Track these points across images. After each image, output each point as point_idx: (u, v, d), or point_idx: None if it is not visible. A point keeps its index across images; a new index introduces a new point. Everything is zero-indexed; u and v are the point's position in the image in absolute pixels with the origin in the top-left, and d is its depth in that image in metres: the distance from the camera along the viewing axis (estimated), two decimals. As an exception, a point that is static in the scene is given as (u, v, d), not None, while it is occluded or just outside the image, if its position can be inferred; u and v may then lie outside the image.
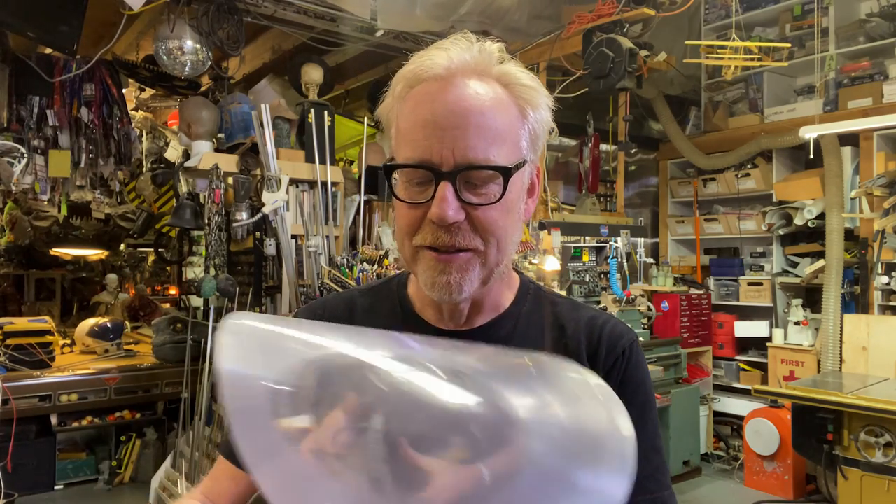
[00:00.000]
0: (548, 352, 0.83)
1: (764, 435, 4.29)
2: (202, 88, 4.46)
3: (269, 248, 3.53)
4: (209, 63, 3.52)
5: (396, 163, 0.77)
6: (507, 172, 0.76)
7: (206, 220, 3.51)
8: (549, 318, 0.90)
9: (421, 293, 0.87)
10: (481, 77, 0.78)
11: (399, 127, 0.79)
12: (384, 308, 0.92)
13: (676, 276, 5.23)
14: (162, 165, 5.14)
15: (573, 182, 5.05)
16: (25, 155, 3.38)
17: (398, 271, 1.02)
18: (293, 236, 3.55)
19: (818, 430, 3.51)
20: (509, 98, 0.79)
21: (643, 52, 3.72)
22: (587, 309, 0.93)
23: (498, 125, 0.76)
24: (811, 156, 4.03)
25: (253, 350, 0.61)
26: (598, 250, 5.08)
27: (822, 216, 4.49)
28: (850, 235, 4.42)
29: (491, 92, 0.77)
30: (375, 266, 3.12)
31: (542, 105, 0.81)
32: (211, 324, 3.69)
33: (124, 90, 4.11)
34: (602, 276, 4.86)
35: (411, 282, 0.92)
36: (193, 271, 6.68)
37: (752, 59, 4.05)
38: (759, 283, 4.99)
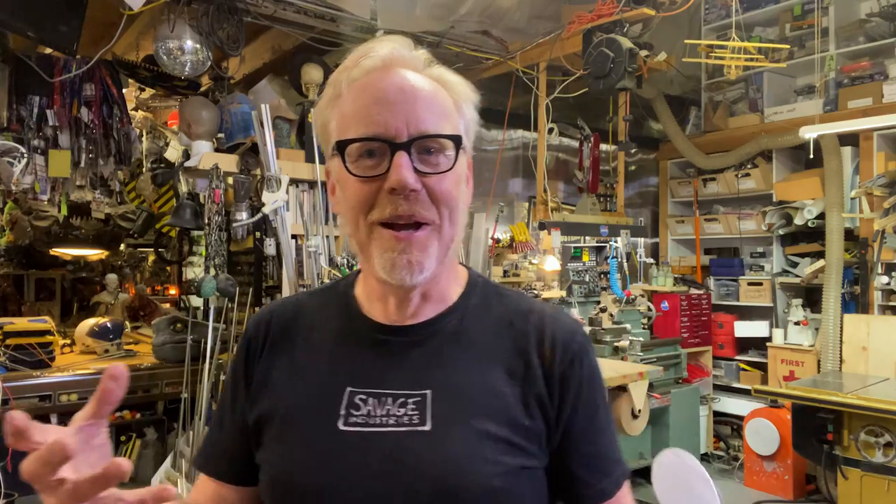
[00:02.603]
0: (496, 349, 0.85)
1: (764, 435, 4.29)
2: (202, 88, 4.46)
3: (269, 248, 3.52)
4: (209, 63, 3.52)
5: (352, 138, 0.78)
6: (458, 140, 0.79)
7: (206, 220, 3.51)
8: (497, 312, 0.89)
9: (369, 289, 0.88)
10: (418, 72, 0.82)
11: (343, 113, 0.81)
12: (331, 309, 0.92)
13: (676, 276, 5.23)
14: (162, 165, 5.13)
15: (573, 182, 5.05)
16: (25, 155, 3.38)
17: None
18: (293, 236, 3.55)
19: (818, 430, 3.51)
20: (445, 92, 0.83)
21: (643, 52, 3.72)
22: (535, 303, 0.93)
23: (442, 105, 0.81)
24: (811, 156, 4.03)
25: None
26: (598, 250, 5.08)
27: (822, 216, 4.49)
28: (850, 235, 4.42)
29: (429, 81, 0.81)
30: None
31: (471, 101, 0.86)
32: (211, 324, 3.69)
33: (124, 90, 4.11)
34: (602, 276, 4.86)
35: (359, 281, 0.92)
36: (193, 271, 6.68)
37: (753, 60, 4.05)
38: (759, 283, 4.99)
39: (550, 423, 0.83)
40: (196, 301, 4.81)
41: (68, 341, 4.93)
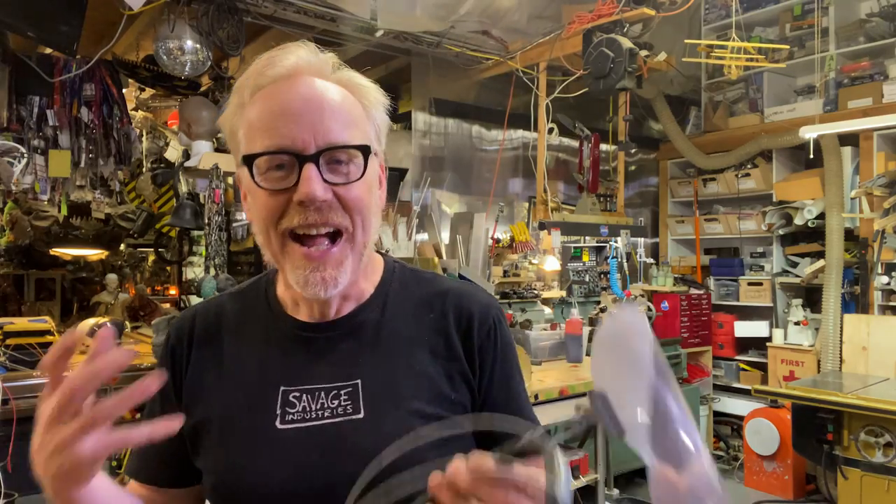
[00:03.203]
0: (419, 333, 0.88)
1: (764, 435, 4.29)
2: (202, 88, 4.46)
3: (269, 248, 3.52)
4: (209, 63, 3.52)
5: (258, 151, 0.77)
6: (367, 150, 0.79)
7: (206, 220, 3.51)
8: (416, 296, 0.91)
9: (290, 292, 0.87)
10: (324, 78, 0.81)
11: (250, 123, 0.79)
12: (253, 310, 0.92)
13: (676, 276, 5.23)
14: (162, 165, 5.13)
15: (573, 182, 5.05)
16: (25, 155, 3.38)
17: None
18: (293, 236, 3.55)
19: (818, 430, 3.51)
20: (353, 97, 0.83)
21: (643, 52, 3.72)
22: (451, 282, 0.95)
23: (350, 113, 0.80)
24: (811, 156, 4.03)
25: None
26: (598, 250, 5.08)
27: (822, 216, 4.49)
28: (850, 235, 4.42)
29: (338, 89, 0.81)
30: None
31: (381, 104, 0.86)
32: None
33: (124, 90, 4.11)
34: (602, 276, 4.86)
35: (279, 281, 0.91)
36: (193, 271, 6.68)
37: (753, 60, 4.05)
38: (759, 283, 4.99)
39: (474, 394, 0.88)
40: (196, 301, 4.81)
41: (68, 341, 4.93)
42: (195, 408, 0.86)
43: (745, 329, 5.01)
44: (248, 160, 0.78)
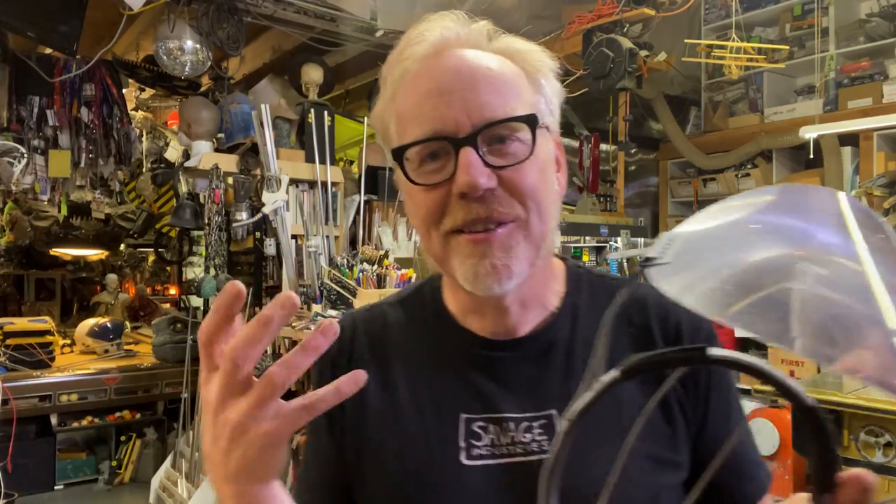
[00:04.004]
0: (619, 351, 0.69)
1: (764, 435, 4.29)
2: (202, 88, 4.46)
3: (269, 248, 3.53)
4: (209, 63, 3.52)
5: (407, 143, 0.67)
6: (532, 121, 0.66)
7: (206, 220, 3.51)
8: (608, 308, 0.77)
9: (459, 299, 0.76)
10: (478, 48, 0.70)
11: (399, 113, 0.69)
12: (420, 321, 0.79)
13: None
14: (162, 165, 5.14)
15: (573, 182, 5.05)
16: (25, 155, 3.38)
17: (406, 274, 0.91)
18: (293, 236, 3.55)
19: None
20: (514, 65, 0.70)
21: (643, 52, 3.72)
22: (644, 286, 0.76)
23: (510, 82, 0.68)
24: (811, 156, 4.03)
25: None
26: (598, 250, 5.08)
27: (822, 216, 4.49)
28: (850, 235, 4.42)
29: (492, 57, 0.69)
30: (375, 266, 3.12)
31: (550, 70, 0.73)
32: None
33: (124, 90, 4.11)
34: (602, 276, 4.85)
35: (446, 288, 0.79)
36: (193, 271, 6.68)
37: (753, 60, 4.05)
38: None
39: (690, 423, 0.72)
40: (196, 301, 4.81)
41: (68, 341, 4.93)
42: (362, 432, 0.74)
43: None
44: (398, 154, 0.68)
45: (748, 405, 4.62)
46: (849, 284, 0.37)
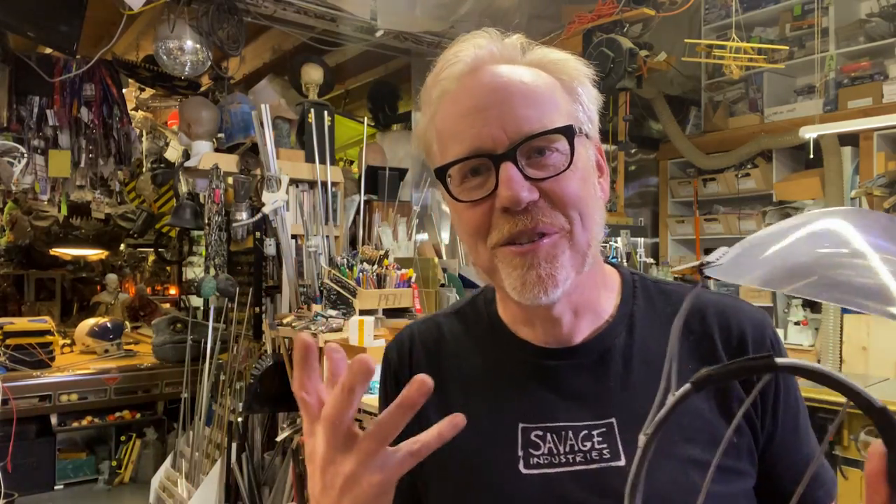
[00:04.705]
0: (681, 357, 0.70)
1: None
2: (202, 88, 4.46)
3: (269, 248, 3.53)
4: (209, 63, 3.52)
5: (446, 162, 0.69)
6: (570, 132, 0.67)
7: (206, 220, 3.51)
8: (666, 315, 0.75)
9: (511, 310, 0.77)
10: (511, 63, 0.71)
11: (439, 133, 0.71)
12: (475, 332, 0.80)
13: (676, 276, 5.22)
14: (162, 165, 5.14)
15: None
16: (25, 155, 3.38)
17: (395, 268, 0.92)
18: (293, 236, 3.56)
19: (818, 430, 3.51)
20: (549, 76, 0.71)
21: (643, 52, 3.73)
22: (706, 294, 0.76)
23: (546, 95, 0.69)
24: (811, 156, 4.03)
25: None
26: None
27: (822, 216, 4.49)
28: (850, 235, 4.42)
29: (529, 71, 0.70)
30: (375, 266, 3.12)
31: (585, 77, 0.74)
32: (211, 324, 3.69)
33: (124, 90, 4.11)
34: (602, 276, 4.86)
35: (499, 298, 0.80)
36: (193, 271, 6.69)
37: (754, 61, 4.06)
38: None
39: (757, 434, 0.72)
40: (196, 301, 4.82)
41: (68, 341, 4.93)
42: None
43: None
44: (440, 173, 0.69)
45: (748, 405, 4.62)
46: (866, 267, 0.43)
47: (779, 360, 0.42)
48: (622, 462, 0.68)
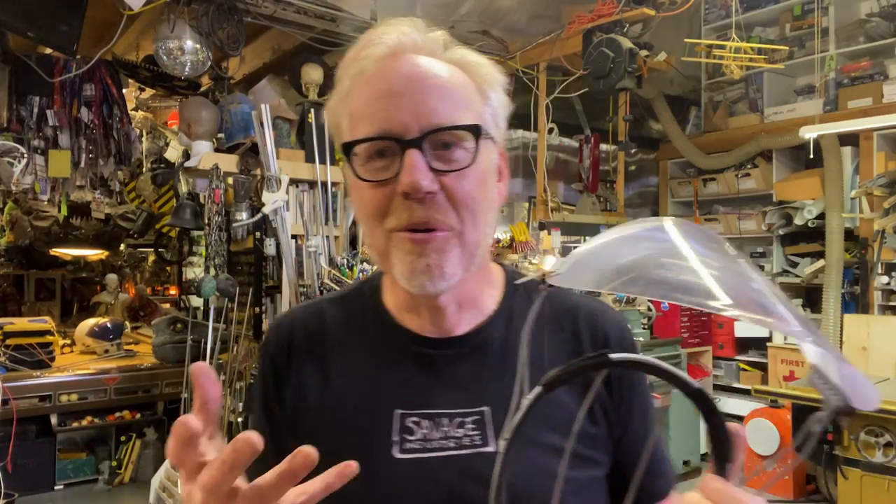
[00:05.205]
0: (550, 354, 0.75)
1: (764, 435, 4.28)
2: (202, 88, 4.46)
3: (269, 248, 3.53)
4: (209, 63, 3.52)
5: (355, 139, 0.70)
6: (477, 131, 0.70)
7: (206, 220, 3.51)
8: (544, 316, 0.80)
9: (398, 298, 0.79)
10: (433, 56, 0.73)
11: (351, 111, 0.72)
12: (359, 318, 0.82)
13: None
14: (162, 165, 5.14)
15: (573, 182, 5.05)
16: (25, 155, 3.38)
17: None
18: (293, 236, 3.55)
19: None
20: (465, 76, 0.74)
21: (643, 52, 3.72)
22: (577, 296, 0.85)
23: (459, 92, 0.72)
24: (811, 156, 4.03)
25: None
26: (598, 250, 5.08)
27: (822, 216, 4.49)
28: (850, 235, 4.42)
29: (446, 66, 0.73)
30: (375, 266, 3.12)
31: (499, 83, 0.77)
32: (211, 324, 3.69)
33: (124, 90, 4.11)
34: (602, 276, 4.86)
35: (385, 287, 0.82)
36: (193, 271, 6.68)
37: (755, 61, 4.05)
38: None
39: (612, 426, 0.78)
40: (196, 301, 4.81)
41: (68, 341, 4.93)
42: (300, 428, 0.77)
43: (745, 329, 5.00)
44: (347, 149, 0.71)
45: (748, 405, 4.62)
46: (687, 268, 0.50)
47: (612, 356, 0.47)
48: (491, 448, 0.72)
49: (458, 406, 0.74)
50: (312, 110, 3.67)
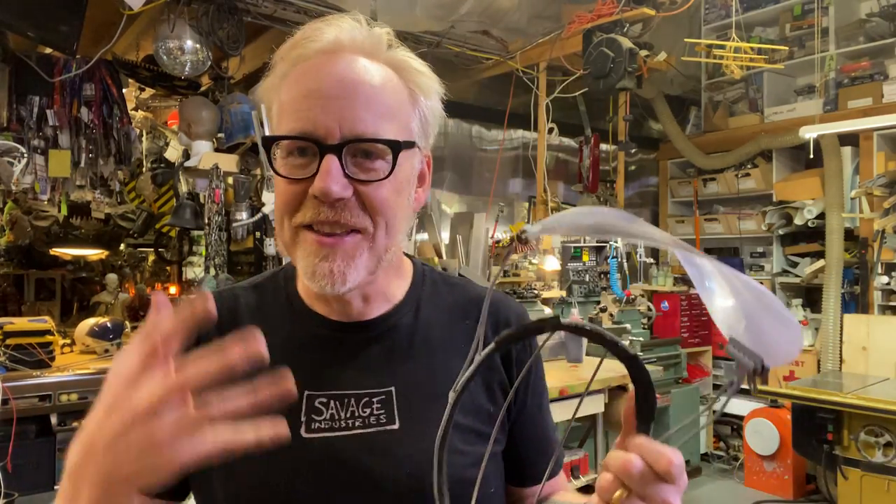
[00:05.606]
0: (454, 339, 0.81)
1: (764, 435, 4.29)
2: (202, 88, 4.46)
3: (269, 248, 3.53)
4: (209, 63, 3.52)
5: (276, 135, 0.71)
6: (397, 147, 0.71)
7: (206, 220, 3.51)
8: (448, 302, 0.85)
9: (307, 287, 0.79)
10: (371, 57, 0.73)
11: (281, 101, 0.73)
12: (272, 305, 0.84)
13: (676, 275, 5.23)
14: (162, 165, 5.13)
15: (573, 182, 5.05)
16: (25, 155, 3.38)
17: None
18: (293, 236, 3.55)
19: (818, 430, 3.51)
20: (400, 81, 0.75)
21: (643, 52, 3.72)
22: (480, 288, 0.91)
23: (388, 101, 0.72)
24: (811, 156, 4.03)
25: None
26: (598, 250, 5.08)
27: (822, 216, 4.49)
28: (850, 235, 4.42)
29: (382, 71, 0.73)
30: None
31: (433, 92, 0.78)
32: (211, 324, 3.68)
33: (124, 90, 4.11)
34: (602, 275, 4.86)
35: (298, 275, 0.84)
36: (193, 271, 6.68)
37: (755, 61, 4.05)
38: (759, 283, 4.99)
39: (510, 407, 0.84)
40: (196, 301, 4.79)
41: (68, 341, 4.93)
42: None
43: (745, 329, 5.00)
44: (268, 143, 0.73)
45: (748, 405, 4.62)
46: (641, 228, 0.56)
47: (563, 320, 0.53)
48: (396, 426, 0.75)
49: (365, 387, 0.77)
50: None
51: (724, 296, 0.58)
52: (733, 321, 0.56)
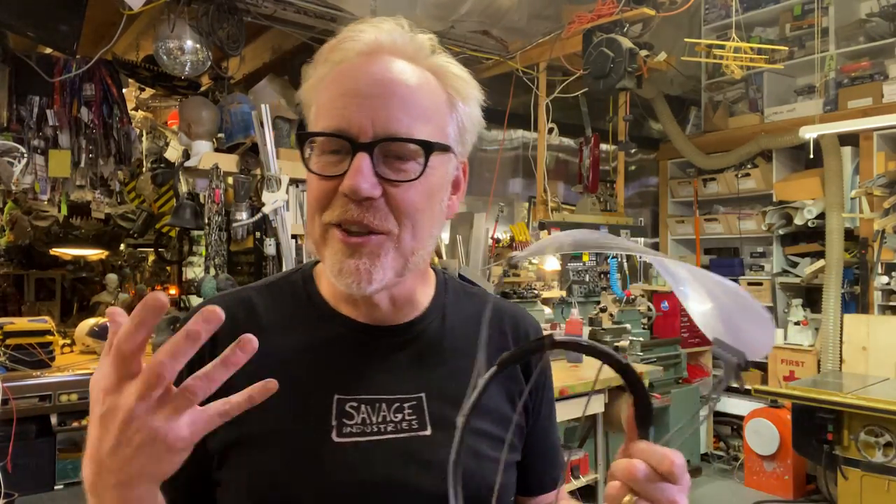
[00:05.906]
0: (477, 346, 0.78)
1: (764, 435, 4.29)
2: (202, 88, 4.46)
3: (269, 248, 3.52)
4: (209, 63, 3.52)
5: (310, 131, 0.73)
6: (429, 148, 0.70)
7: (206, 220, 3.51)
8: (470, 311, 0.86)
9: (335, 287, 0.78)
10: (411, 61, 0.73)
11: (319, 101, 0.73)
12: (291, 306, 0.82)
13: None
14: (162, 165, 5.13)
15: (573, 182, 5.05)
16: (25, 155, 3.38)
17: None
18: (293, 236, 3.55)
19: (818, 430, 3.51)
20: (439, 85, 0.75)
21: (643, 52, 3.72)
22: (498, 300, 0.94)
23: (424, 103, 0.72)
24: (811, 156, 4.03)
25: None
26: (598, 250, 5.08)
27: (822, 216, 4.49)
28: (850, 235, 4.42)
29: (420, 73, 0.73)
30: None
31: (472, 99, 0.79)
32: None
33: (124, 90, 4.11)
34: (602, 275, 4.86)
35: (319, 276, 0.83)
36: (193, 271, 6.67)
37: (755, 61, 4.05)
38: (759, 283, 4.99)
39: (529, 416, 0.87)
40: (196, 301, 4.80)
41: (68, 341, 4.92)
42: (225, 426, 0.73)
43: (745, 329, 5.00)
44: (301, 139, 0.73)
45: (748, 405, 4.62)
46: (618, 242, 0.61)
47: (557, 337, 0.55)
48: (428, 432, 0.76)
49: (396, 392, 0.77)
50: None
51: (700, 300, 0.60)
52: (713, 322, 0.59)
